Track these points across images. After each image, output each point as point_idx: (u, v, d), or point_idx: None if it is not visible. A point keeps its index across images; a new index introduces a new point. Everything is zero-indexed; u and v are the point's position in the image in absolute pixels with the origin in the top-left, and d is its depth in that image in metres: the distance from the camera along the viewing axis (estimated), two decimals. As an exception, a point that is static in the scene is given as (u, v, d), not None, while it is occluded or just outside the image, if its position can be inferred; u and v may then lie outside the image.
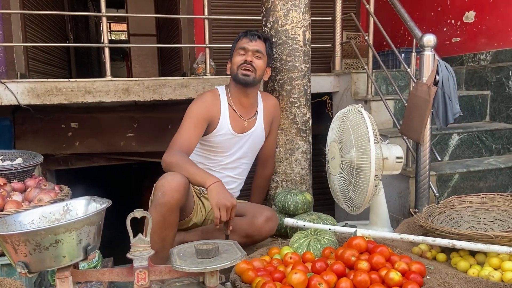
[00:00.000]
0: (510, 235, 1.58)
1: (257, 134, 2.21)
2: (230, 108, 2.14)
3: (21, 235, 1.12)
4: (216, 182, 1.79)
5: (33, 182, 1.91)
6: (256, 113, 2.21)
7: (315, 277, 1.44)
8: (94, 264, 1.90)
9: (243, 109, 2.17)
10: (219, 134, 2.11)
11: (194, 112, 2.04)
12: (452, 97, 2.32)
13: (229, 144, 2.14)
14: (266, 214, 1.98)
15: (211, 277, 1.34)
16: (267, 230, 1.98)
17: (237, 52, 2.10)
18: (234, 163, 2.20)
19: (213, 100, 2.11)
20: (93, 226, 1.24)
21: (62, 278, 1.20)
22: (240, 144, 2.17)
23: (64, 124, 3.53)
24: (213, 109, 2.09)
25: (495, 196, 1.93)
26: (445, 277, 1.52)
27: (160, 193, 1.77)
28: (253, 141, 2.21)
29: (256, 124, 2.19)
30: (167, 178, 1.79)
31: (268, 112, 2.25)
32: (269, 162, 2.36)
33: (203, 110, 2.05)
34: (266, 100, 2.27)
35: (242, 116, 2.16)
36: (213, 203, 1.75)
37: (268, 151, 2.33)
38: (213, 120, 2.09)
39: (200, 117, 2.03)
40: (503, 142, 3.08)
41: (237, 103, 2.15)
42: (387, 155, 2.06)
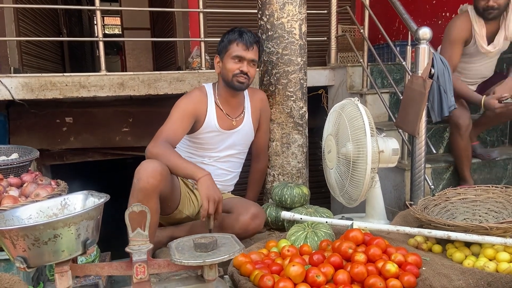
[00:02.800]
0: (505, 226, 1.60)
1: (245, 130, 2.23)
2: (217, 107, 2.15)
3: (19, 230, 1.12)
4: (206, 175, 1.81)
5: (29, 177, 1.90)
6: (243, 111, 2.22)
7: (312, 269, 1.45)
8: (93, 258, 1.90)
9: (230, 109, 2.18)
10: (206, 131, 2.13)
11: (182, 107, 2.05)
12: (447, 90, 2.33)
13: (217, 140, 2.16)
14: (252, 211, 1.97)
15: (210, 270, 1.35)
16: (253, 227, 1.97)
17: (232, 58, 2.06)
18: (225, 158, 2.22)
19: (200, 98, 2.12)
20: (91, 220, 1.24)
21: (61, 273, 1.20)
22: (229, 140, 2.19)
23: (59, 119, 3.51)
24: (200, 107, 2.10)
25: (489, 188, 1.95)
26: (441, 268, 1.54)
27: (136, 179, 1.77)
28: (242, 137, 2.22)
29: (244, 122, 2.21)
30: (143, 165, 1.80)
31: (255, 108, 2.26)
32: (262, 156, 2.37)
33: (191, 106, 2.06)
34: (253, 95, 2.28)
35: (229, 115, 2.18)
36: (203, 195, 1.77)
37: (259, 144, 2.33)
38: (199, 117, 2.10)
39: (188, 112, 2.05)
40: (497, 134, 3.11)
41: (224, 103, 2.17)
42: (383, 148, 2.07)
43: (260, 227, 2.03)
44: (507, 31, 2.62)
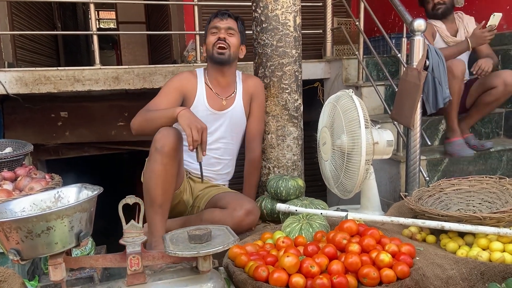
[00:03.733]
0: (498, 216, 1.61)
1: (236, 112, 2.20)
2: (207, 86, 2.16)
3: (12, 222, 1.12)
4: (185, 109, 1.83)
5: (23, 171, 1.89)
6: (234, 92, 2.22)
7: (307, 260, 1.45)
8: (87, 251, 1.90)
9: (220, 88, 2.19)
10: (196, 111, 2.07)
11: (168, 84, 2.11)
12: (442, 81, 2.34)
13: (206, 121, 2.05)
14: (246, 207, 1.95)
15: (204, 261, 1.35)
16: (247, 223, 1.96)
17: (210, 32, 2.14)
18: (215, 143, 2.19)
19: (189, 77, 2.16)
20: (85, 212, 1.24)
21: (55, 265, 1.20)
22: (219, 122, 2.17)
23: (54, 114, 3.50)
24: (188, 84, 2.13)
25: (483, 178, 1.96)
26: (434, 257, 1.55)
27: (159, 145, 1.79)
28: (233, 120, 2.20)
29: (234, 103, 2.20)
30: (163, 132, 1.81)
31: (247, 91, 2.24)
32: (253, 145, 2.30)
33: (177, 84, 2.11)
34: (246, 80, 2.28)
35: (219, 94, 2.18)
36: (185, 125, 1.75)
37: (250, 131, 2.28)
38: (188, 95, 2.12)
39: (173, 87, 2.09)
40: (492, 126, 3.12)
41: (214, 82, 2.18)
42: (377, 140, 2.07)
43: (254, 223, 2.02)
44: (467, 28, 2.91)
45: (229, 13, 2.16)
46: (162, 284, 1.33)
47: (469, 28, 2.90)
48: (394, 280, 1.39)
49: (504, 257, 1.51)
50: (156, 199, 1.83)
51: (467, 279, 1.46)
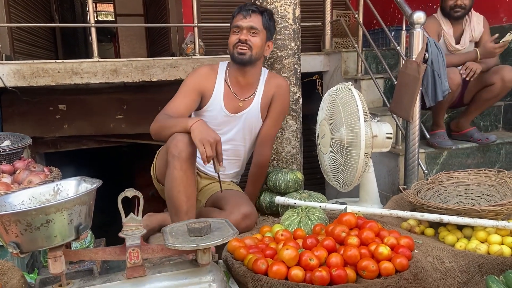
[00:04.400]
0: (497, 209, 1.61)
1: (251, 115, 2.09)
2: (226, 85, 2.05)
3: (11, 215, 1.12)
4: (199, 121, 1.76)
5: (22, 164, 1.89)
6: (254, 93, 2.09)
7: (306, 253, 1.46)
8: (87, 244, 1.91)
9: (239, 88, 2.07)
10: (210, 110, 2.05)
11: (187, 83, 2.02)
12: (441, 74, 2.33)
13: (219, 122, 2.07)
14: (243, 211, 1.89)
15: (204, 254, 1.35)
16: (243, 227, 1.89)
17: (232, 30, 2.00)
18: (225, 145, 2.08)
19: (208, 73, 2.05)
20: (84, 205, 1.24)
21: (54, 258, 1.20)
22: (232, 124, 2.09)
23: (52, 107, 3.49)
24: (206, 83, 2.03)
25: (482, 171, 1.96)
26: (433, 250, 1.56)
27: (177, 152, 1.74)
28: (246, 123, 2.10)
29: (251, 105, 2.08)
30: (178, 138, 1.76)
31: (268, 93, 2.09)
32: (263, 150, 2.16)
33: (196, 82, 2.01)
34: (271, 79, 2.12)
35: (237, 95, 2.06)
36: (196, 140, 1.71)
37: (261, 136, 2.14)
38: (205, 94, 2.03)
39: (191, 87, 2.00)
40: (491, 119, 3.12)
41: (233, 81, 2.06)
42: (376, 133, 2.07)
43: (251, 227, 1.94)
44: (472, 32, 2.82)
45: (254, 7, 1.99)
46: (162, 277, 1.33)
47: (475, 33, 2.81)
48: (393, 272, 1.40)
49: (502, 250, 1.52)
50: (181, 207, 1.78)
51: (466, 271, 1.47)
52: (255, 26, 1.96)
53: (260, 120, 2.12)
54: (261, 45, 1.99)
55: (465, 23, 2.84)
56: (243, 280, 1.46)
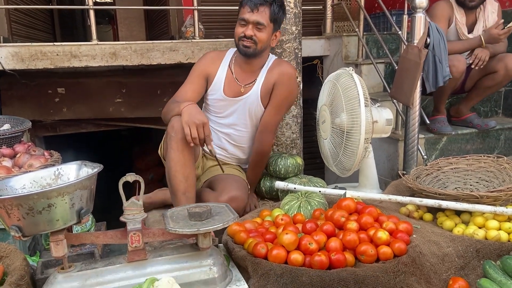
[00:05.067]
0: (495, 195, 1.63)
1: (251, 100, 2.08)
2: (229, 70, 2.10)
3: (13, 199, 1.12)
4: (190, 104, 1.80)
5: (22, 148, 1.89)
6: (255, 80, 2.09)
7: (305, 237, 1.47)
8: (88, 228, 1.92)
9: (242, 74, 2.09)
10: (212, 94, 2.11)
11: (195, 69, 2.10)
12: (443, 59, 2.32)
13: (220, 106, 2.11)
14: (231, 194, 1.90)
15: (204, 238, 1.37)
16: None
17: (238, 21, 2.00)
18: (227, 128, 2.14)
19: (214, 58, 2.12)
20: (85, 190, 1.24)
21: (56, 241, 1.22)
22: (232, 108, 2.10)
23: (51, 90, 3.46)
24: (211, 67, 2.10)
25: (481, 157, 1.97)
26: (431, 235, 1.57)
27: (174, 132, 1.79)
28: (246, 108, 2.09)
29: (251, 90, 2.07)
30: (175, 120, 1.81)
31: (269, 80, 2.06)
32: (263, 137, 2.12)
33: (202, 66, 2.09)
34: (275, 67, 2.08)
35: (239, 81, 2.09)
36: (183, 121, 1.75)
37: (263, 122, 2.11)
38: (209, 78, 2.10)
39: (197, 72, 2.08)
40: (491, 105, 3.12)
41: (237, 67, 2.10)
42: (377, 118, 2.07)
43: (238, 209, 1.90)
44: (486, 21, 2.73)
45: (262, 1, 1.94)
46: (163, 260, 1.35)
47: (489, 22, 2.73)
48: (391, 257, 1.42)
49: (500, 235, 1.54)
50: (179, 187, 1.81)
51: (463, 256, 1.49)
52: (261, 21, 1.94)
53: (261, 107, 2.10)
54: (267, 39, 2.00)
55: (478, 12, 2.74)
56: (243, 263, 1.47)
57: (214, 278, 1.36)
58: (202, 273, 1.35)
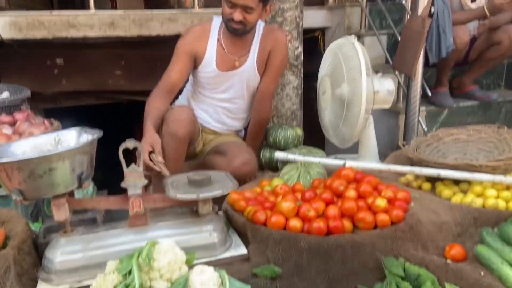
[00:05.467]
0: (494, 164, 1.63)
1: (247, 72, 2.05)
2: (219, 45, 2.01)
3: (14, 163, 1.13)
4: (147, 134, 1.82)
5: (22, 116, 1.89)
6: (248, 51, 2.04)
7: (304, 205, 1.48)
8: (89, 195, 1.94)
9: (233, 47, 2.02)
10: (205, 71, 2.03)
11: (179, 47, 2.00)
12: (447, 29, 2.29)
13: (216, 81, 2.06)
14: (244, 158, 1.93)
15: (204, 205, 1.38)
16: (243, 173, 1.92)
17: (225, 1, 1.88)
18: (225, 103, 2.11)
19: (200, 34, 2.01)
20: (86, 155, 1.25)
21: (58, 205, 1.23)
22: (229, 82, 2.06)
23: (50, 61, 3.43)
24: (198, 45, 2.00)
25: (482, 128, 1.96)
26: (429, 204, 1.59)
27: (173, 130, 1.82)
28: (243, 80, 2.07)
29: (247, 62, 2.04)
30: (176, 115, 1.83)
31: (265, 48, 2.04)
32: (263, 105, 2.14)
33: (188, 45, 2.00)
34: (268, 35, 2.04)
35: (231, 54, 2.02)
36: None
37: (261, 92, 2.11)
38: (198, 56, 2.01)
39: (184, 52, 1.99)
40: (493, 77, 3.09)
41: (227, 40, 2.01)
42: (378, 89, 2.05)
43: (251, 174, 1.97)
44: None
45: None
46: (164, 226, 1.37)
47: None
48: (389, 224, 1.43)
49: (498, 204, 1.55)
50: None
51: (461, 224, 1.51)
52: (249, 5, 1.84)
53: (257, 76, 2.08)
54: (257, 18, 1.93)
55: None
56: (242, 230, 1.49)
57: (214, 243, 1.38)
58: (202, 238, 1.37)
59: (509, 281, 1.21)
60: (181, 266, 1.15)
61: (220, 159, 1.98)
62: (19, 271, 1.22)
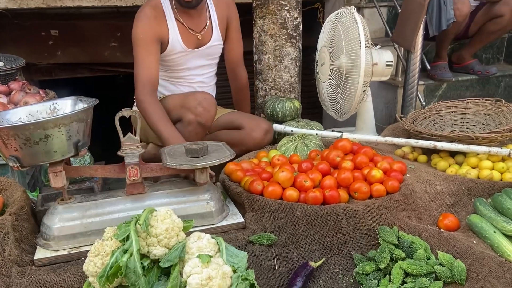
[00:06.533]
0: (491, 136, 1.63)
1: (214, 46, 2.02)
2: (178, 22, 1.90)
3: (9, 129, 1.12)
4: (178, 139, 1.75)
5: (17, 85, 1.87)
6: (207, 23, 1.96)
7: (301, 175, 1.49)
8: (86, 165, 1.94)
9: (192, 21, 1.93)
10: (174, 53, 1.93)
11: (141, 37, 1.82)
12: (447, 1, 2.25)
13: (186, 60, 1.97)
14: (264, 127, 1.96)
15: (201, 174, 1.39)
16: (266, 142, 1.98)
17: None
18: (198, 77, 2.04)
19: (156, 17, 1.86)
20: (82, 123, 1.24)
21: (55, 173, 1.23)
22: (198, 60, 2.00)
23: (44, 32, 3.38)
24: (160, 28, 1.86)
25: (479, 101, 1.96)
26: (424, 175, 1.60)
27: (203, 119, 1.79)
28: (212, 53, 2.03)
29: (212, 38, 1.98)
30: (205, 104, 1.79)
31: (222, 17, 2.00)
32: (239, 71, 2.14)
33: (150, 33, 1.83)
34: (217, 2, 2.00)
35: (192, 29, 1.93)
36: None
37: (234, 58, 2.10)
38: (163, 39, 1.88)
39: (149, 41, 1.82)
40: (493, 51, 3.07)
41: (185, 15, 1.91)
42: (377, 61, 2.04)
43: (271, 140, 2.02)
44: None
45: None
46: (161, 194, 1.38)
47: None
48: (384, 194, 1.45)
49: (493, 175, 1.56)
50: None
51: (455, 194, 1.52)
52: None
53: (222, 45, 2.06)
54: None
55: None
56: (239, 199, 1.50)
57: (211, 212, 1.39)
58: (199, 207, 1.38)
59: (501, 249, 1.23)
60: (179, 233, 1.16)
61: (237, 133, 1.98)
62: (17, 237, 1.23)
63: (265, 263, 1.27)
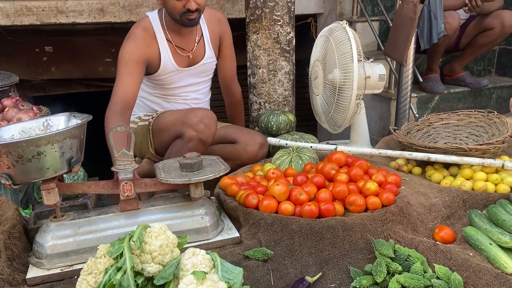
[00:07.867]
0: (484, 148, 1.64)
1: (208, 63, 2.03)
2: (170, 43, 1.90)
3: (1, 147, 1.11)
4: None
5: (10, 102, 1.86)
6: (198, 41, 1.96)
7: (296, 188, 1.49)
8: (80, 181, 1.93)
9: (182, 40, 1.93)
10: (166, 73, 1.93)
11: (126, 57, 1.80)
12: (438, 15, 2.29)
13: (179, 78, 1.98)
14: (259, 141, 1.96)
15: (196, 188, 1.38)
16: (260, 156, 1.98)
17: None
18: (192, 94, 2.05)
19: (146, 39, 1.85)
20: (75, 139, 1.24)
21: (48, 190, 1.22)
22: (192, 78, 2.01)
23: (38, 48, 3.38)
24: (149, 50, 1.85)
25: (472, 113, 1.98)
26: (419, 187, 1.60)
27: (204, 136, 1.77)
28: (205, 71, 2.05)
29: (205, 55, 2.00)
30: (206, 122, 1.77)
31: (214, 34, 2.01)
32: (233, 87, 2.18)
33: (137, 54, 1.81)
34: (210, 19, 1.99)
35: (183, 48, 1.93)
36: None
37: (227, 74, 2.13)
38: (152, 61, 1.87)
39: (134, 62, 1.80)
40: (484, 63, 3.11)
41: (174, 35, 1.91)
42: (369, 74, 2.05)
43: (265, 154, 2.02)
44: None
45: None
46: (155, 210, 1.37)
47: None
48: (379, 207, 1.45)
49: (487, 186, 1.56)
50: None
51: (450, 206, 1.52)
52: None
53: (215, 61, 2.08)
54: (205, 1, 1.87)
55: None
56: (234, 214, 1.50)
57: (206, 227, 1.38)
58: (194, 222, 1.37)
59: (498, 261, 1.23)
60: (173, 249, 1.15)
61: (232, 147, 1.97)
62: (9, 255, 1.21)
63: (261, 278, 1.25)
